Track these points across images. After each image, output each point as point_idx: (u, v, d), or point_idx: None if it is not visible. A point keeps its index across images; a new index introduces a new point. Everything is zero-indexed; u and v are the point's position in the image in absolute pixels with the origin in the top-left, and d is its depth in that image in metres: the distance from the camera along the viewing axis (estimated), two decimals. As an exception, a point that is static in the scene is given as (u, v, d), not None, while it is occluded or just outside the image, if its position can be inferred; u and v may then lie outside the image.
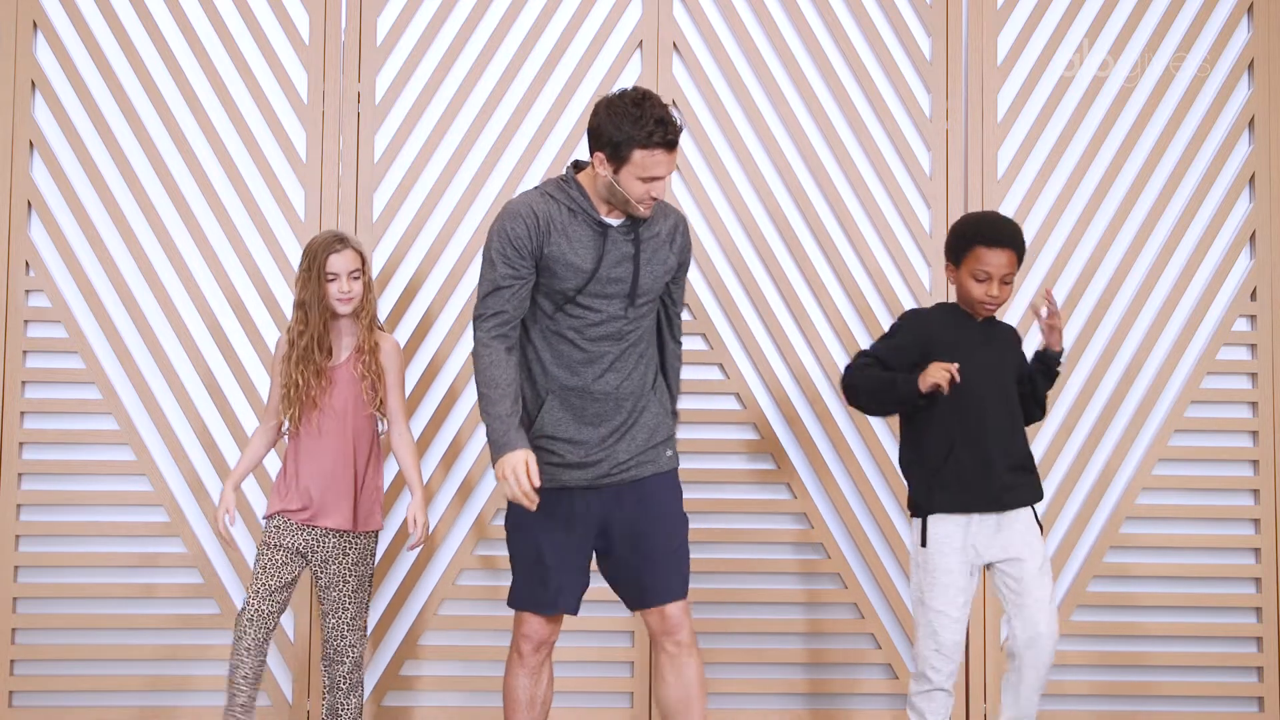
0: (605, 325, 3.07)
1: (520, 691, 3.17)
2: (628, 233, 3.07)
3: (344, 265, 3.40)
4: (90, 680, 3.98)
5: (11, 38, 4.04)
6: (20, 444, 4.00)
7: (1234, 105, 4.22)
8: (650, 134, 2.91)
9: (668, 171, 2.97)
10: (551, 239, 3.02)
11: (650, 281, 3.10)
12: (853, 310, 4.14)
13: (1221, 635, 4.13)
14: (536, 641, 3.16)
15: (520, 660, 3.17)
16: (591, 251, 3.04)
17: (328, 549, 3.41)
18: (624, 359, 3.10)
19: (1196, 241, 4.20)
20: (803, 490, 4.09)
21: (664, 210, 3.16)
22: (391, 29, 4.11)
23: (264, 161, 4.07)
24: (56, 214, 4.04)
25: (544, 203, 3.06)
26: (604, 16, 4.14)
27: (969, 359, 3.27)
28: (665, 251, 3.13)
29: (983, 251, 3.28)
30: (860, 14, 4.17)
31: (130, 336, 4.04)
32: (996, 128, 4.17)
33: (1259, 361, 4.16)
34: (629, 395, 3.10)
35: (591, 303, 3.06)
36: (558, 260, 3.03)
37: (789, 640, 4.09)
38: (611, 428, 3.09)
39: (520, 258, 3.03)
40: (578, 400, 3.08)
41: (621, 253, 3.06)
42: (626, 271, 3.06)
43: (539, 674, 3.18)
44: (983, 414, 3.30)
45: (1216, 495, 4.16)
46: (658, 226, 3.13)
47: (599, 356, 3.08)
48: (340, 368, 3.44)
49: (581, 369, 3.08)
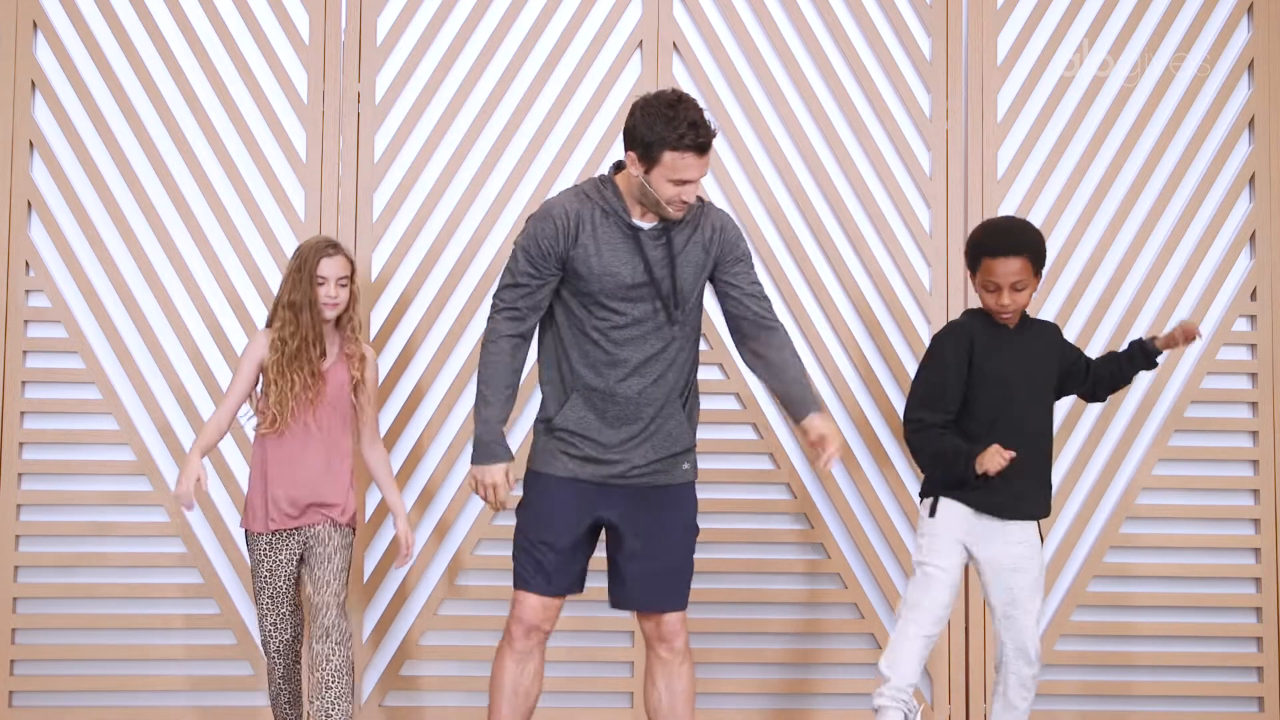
0: (631, 329, 3.05)
1: (505, 676, 3.15)
2: (659, 236, 3.05)
3: (334, 270, 3.41)
4: (90, 680, 3.98)
5: (11, 38, 4.03)
6: (20, 444, 4.00)
7: (1234, 105, 4.22)
8: (681, 136, 2.91)
9: (699, 175, 2.97)
10: (579, 241, 3.03)
11: (686, 284, 3.08)
12: (853, 310, 4.14)
13: (1221, 635, 4.13)
14: (528, 625, 3.14)
15: (509, 644, 3.15)
16: (621, 255, 3.03)
17: (315, 535, 3.43)
18: (651, 364, 3.07)
19: (1196, 241, 4.20)
20: (803, 490, 4.09)
21: (705, 212, 3.14)
22: (391, 29, 4.11)
23: (264, 161, 4.07)
24: (56, 214, 4.04)
25: (578, 203, 3.07)
26: (604, 16, 4.14)
27: (1000, 371, 3.29)
28: (703, 254, 3.10)
29: (989, 262, 3.27)
30: (860, 14, 4.17)
31: (130, 336, 4.04)
32: (996, 128, 4.17)
33: (1259, 361, 4.16)
34: (652, 401, 3.09)
35: (618, 305, 3.04)
36: (582, 262, 3.03)
37: (789, 640, 4.09)
38: (632, 432, 3.09)
39: (544, 259, 3.05)
40: (600, 401, 3.07)
41: (655, 256, 3.05)
42: (665, 276, 3.05)
43: (525, 662, 3.15)
44: (1013, 420, 3.30)
45: (1216, 495, 4.16)
46: (696, 231, 3.10)
47: (623, 360, 3.06)
48: (331, 375, 3.45)
49: (606, 370, 3.06)
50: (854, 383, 4.13)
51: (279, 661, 3.50)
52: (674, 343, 3.10)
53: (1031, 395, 3.33)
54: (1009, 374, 3.30)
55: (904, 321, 4.12)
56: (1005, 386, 3.29)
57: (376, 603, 4.03)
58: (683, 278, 3.06)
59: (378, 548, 4.03)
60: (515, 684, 3.15)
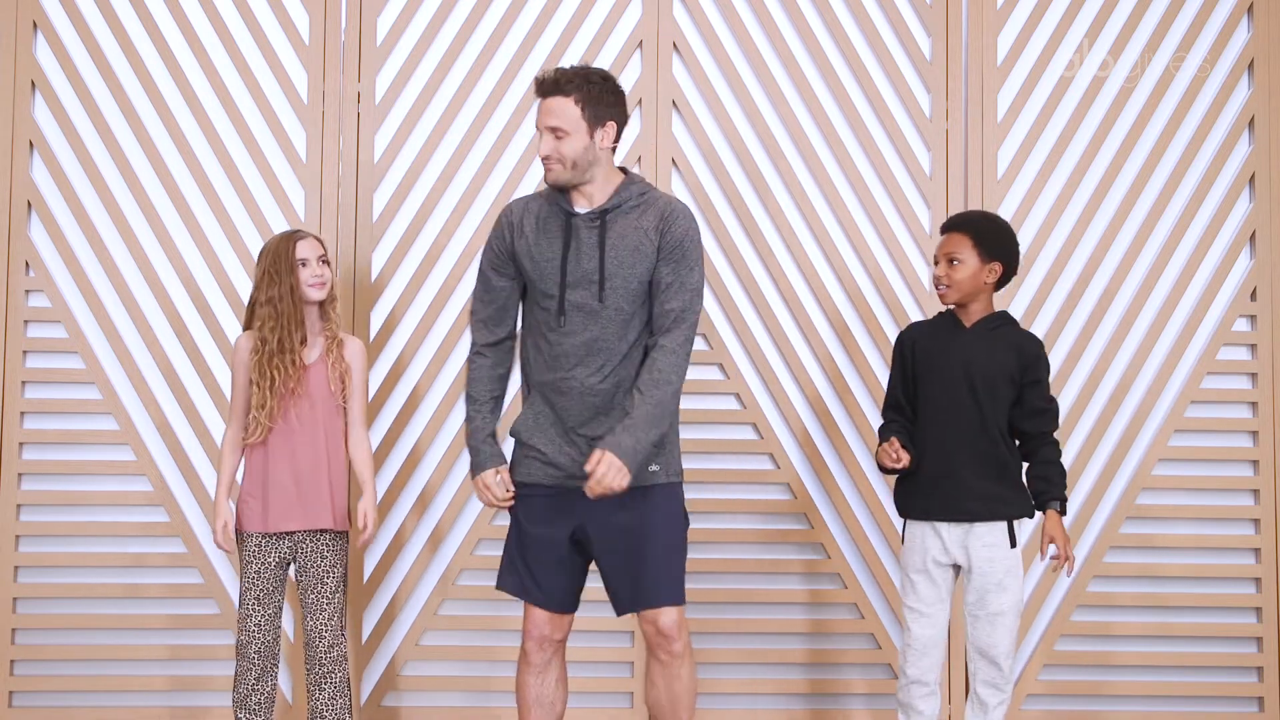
0: (571, 315, 3.01)
1: (528, 691, 3.16)
2: (593, 220, 3.03)
3: (312, 250, 3.40)
4: (90, 680, 3.98)
5: (11, 38, 4.04)
6: (20, 444, 4.00)
7: (1234, 105, 4.22)
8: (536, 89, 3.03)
9: (542, 120, 2.99)
10: (523, 231, 3.06)
11: (618, 269, 2.99)
12: (853, 310, 4.14)
13: (1221, 635, 4.13)
14: (538, 638, 3.15)
15: (525, 659, 3.17)
16: (555, 242, 3.04)
17: (308, 551, 3.39)
18: (593, 355, 3.01)
19: (1196, 241, 4.20)
20: (803, 490, 4.09)
21: (653, 200, 3.07)
22: (391, 29, 4.11)
23: (264, 161, 4.07)
24: (56, 214, 4.04)
25: (528, 200, 3.14)
26: (604, 16, 4.14)
27: (942, 369, 3.31)
28: (644, 240, 3.01)
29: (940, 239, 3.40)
30: (860, 14, 4.17)
31: (130, 336, 4.04)
32: (996, 128, 4.17)
33: (1259, 361, 4.16)
34: (599, 393, 3.01)
35: (554, 291, 3.02)
36: (525, 254, 3.06)
37: (789, 640, 4.09)
38: (588, 429, 3.02)
39: (499, 258, 3.11)
40: (554, 395, 3.05)
41: (586, 240, 3.02)
42: (594, 263, 3.01)
43: (544, 674, 3.16)
44: (949, 424, 3.29)
45: (1216, 495, 4.16)
46: (640, 214, 3.04)
47: (566, 351, 3.02)
48: (315, 365, 3.41)
49: (553, 363, 3.04)
50: (854, 383, 4.13)
51: (256, 664, 3.37)
52: (610, 329, 3.01)
53: (971, 393, 3.29)
54: (950, 371, 3.30)
55: (904, 321, 4.11)
56: (944, 383, 3.30)
57: (376, 603, 4.03)
58: (612, 260, 2.99)
59: (378, 547, 4.03)
60: (538, 696, 3.16)
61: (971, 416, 3.29)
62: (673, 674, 3.10)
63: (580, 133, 2.97)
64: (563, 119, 2.96)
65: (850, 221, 4.14)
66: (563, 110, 2.96)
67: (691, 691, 3.12)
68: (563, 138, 2.97)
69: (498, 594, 4.01)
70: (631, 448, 2.91)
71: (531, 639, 3.15)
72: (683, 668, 3.10)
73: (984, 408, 3.29)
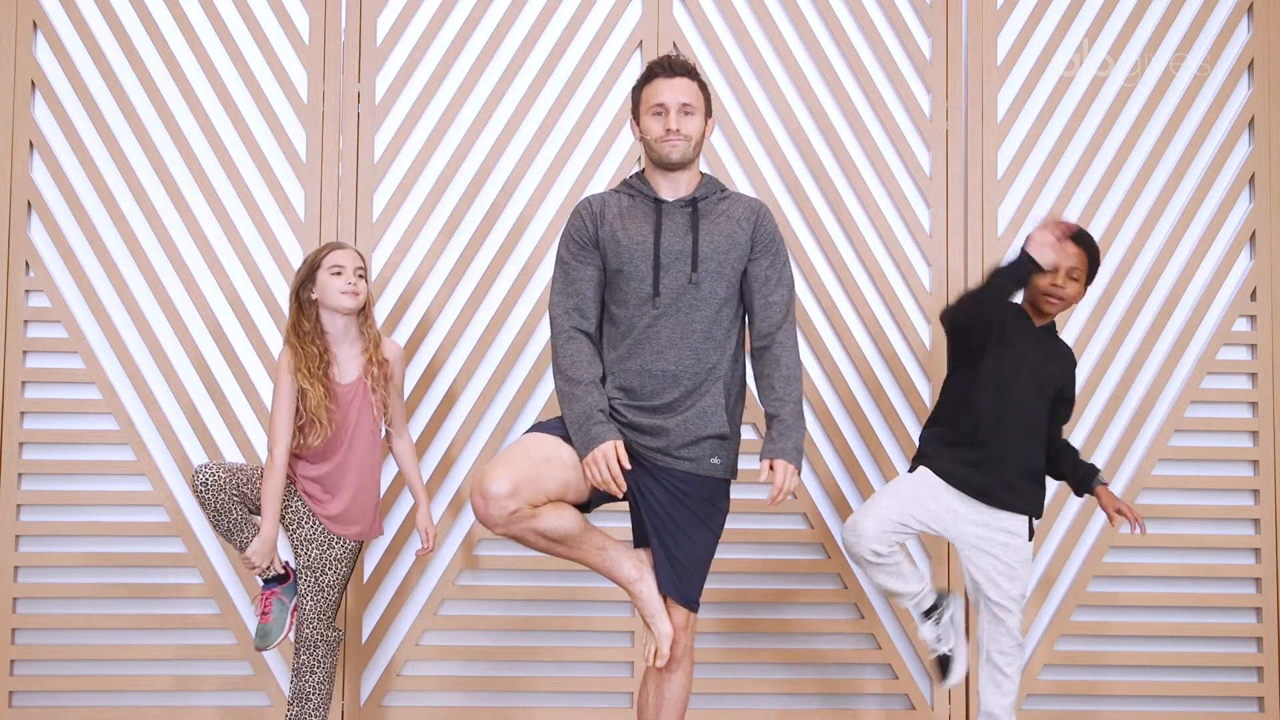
0: (666, 297, 3.01)
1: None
2: (685, 205, 3.08)
3: (350, 260, 3.38)
4: (90, 680, 3.98)
5: (11, 38, 4.04)
6: (20, 444, 4.00)
7: (1234, 105, 4.23)
8: (648, 71, 3.07)
9: (671, 97, 3.02)
10: (606, 220, 3.07)
11: (713, 252, 3.03)
12: (853, 310, 4.14)
13: (1221, 635, 4.13)
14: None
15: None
16: (644, 226, 3.05)
17: (318, 534, 3.38)
18: (685, 338, 3.01)
19: (1196, 241, 4.20)
20: (803, 490, 4.09)
21: (738, 196, 3.15)
22: (391, 29, 4.11)
23: (264, 161, 4.08)
24: (56, 214, 4.04)
25: (605, 194, 3.15)
26: (604, 16, 4.15)
27: (1019, 359, 3.31)
28: (736, 229, 3.07)
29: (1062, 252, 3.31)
30: (860, 14, 4.18)
31: (130, 336, 4.04)
32: (996, 128, 4.17)
33: (1259, 361, 4.16)
34: (686, 376, 3.00)
35: (646, 274, 3.01)
36: (609, 240, 3.05)
37: (789, 640, 4.09)
38: (664, 404, 3.00)
39: (580, 247, 3.08)
40: (636, 380, 3.01)
41: (680, 223, 3.05)
42: (686, 244, 3.04)
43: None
44: (1014, 413, 3.31)
45: (1216, 495, 4.16)
46: (729, 205, 3.11)
47: (655, 334, 3.01)
48: (353, 385, 3.39)
49: (637, 349, 3.02)
50: (854, 382, 4.13)
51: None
52: (704, 311, 3.02)
53: (1034, 392, 3.34)
54: (1024, 364, 3.33)
55: (904, 321, 4.12)
56: (1017, 373, 3.31)
57: (376, 603, 4.03)
58: (706, 242, 3.04)
59: (378, 547, 4.03)
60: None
61: (1035, 412, 3.34)
62: (667, 679, 3.07)
63: (701, 115, 3.08)
64: (693, 98, 3.06)
65: (850, 221, 4.14)
66: (692, 92, 3.06)
67: (681, 704, 3.08)
68: (692, 114, 3.05)
69: (498, 594, 4.03)
70: (795, 447, 2.99)
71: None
72: (678, 674, 3.07)
73: (1041, 408, 3.35)
